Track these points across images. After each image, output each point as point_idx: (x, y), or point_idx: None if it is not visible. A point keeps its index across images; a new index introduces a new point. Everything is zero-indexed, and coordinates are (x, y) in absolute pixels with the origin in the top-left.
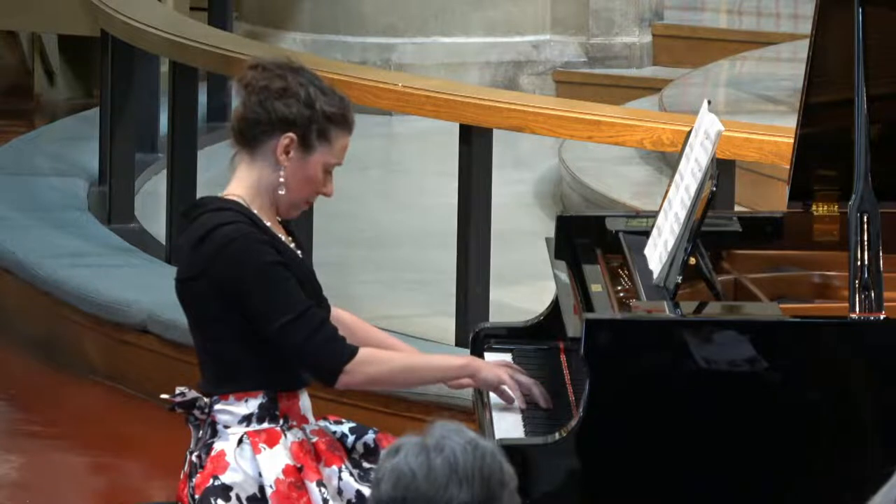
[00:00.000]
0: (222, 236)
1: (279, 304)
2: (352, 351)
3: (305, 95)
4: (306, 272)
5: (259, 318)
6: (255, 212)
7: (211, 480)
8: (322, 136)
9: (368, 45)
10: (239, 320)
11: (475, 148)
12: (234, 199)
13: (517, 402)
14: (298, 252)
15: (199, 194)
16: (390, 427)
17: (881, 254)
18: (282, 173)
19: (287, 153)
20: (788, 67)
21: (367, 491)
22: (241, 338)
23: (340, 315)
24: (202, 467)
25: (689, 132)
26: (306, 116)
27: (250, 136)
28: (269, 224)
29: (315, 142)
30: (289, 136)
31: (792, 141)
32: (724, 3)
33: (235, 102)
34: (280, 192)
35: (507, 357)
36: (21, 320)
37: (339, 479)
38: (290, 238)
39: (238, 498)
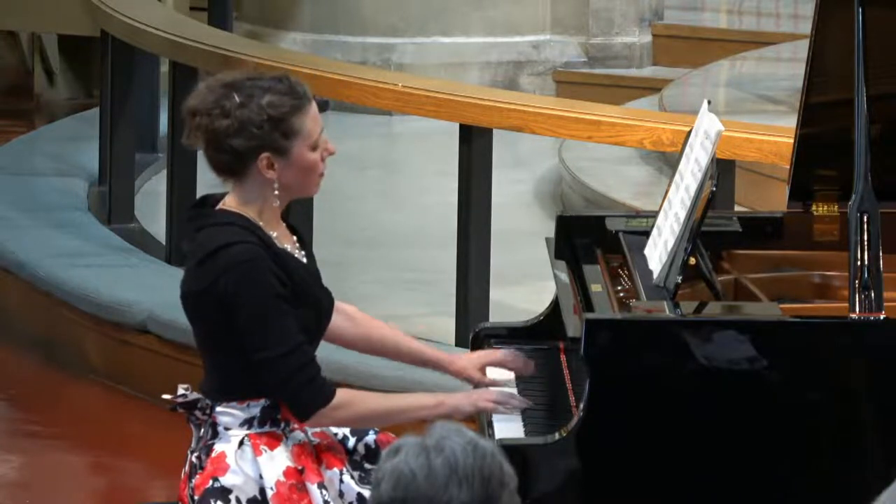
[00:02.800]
0: (229, 257)
1: (268, 338)
2: (327, 395)
3: (252, 116)
4: (309, 280)
5: (246, 344)
6: (261, 224)
7: (210, 482)
8: (289, 134)
9: (368, 45)
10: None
11: (475, 148)
12: (238, 211)
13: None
14: (303, 255)
15: (198, 194)
16: (391, 427)
17: (881, 254)
18: (275, 185)
19: (272, 168)
20: (788, 67)
21: (367, 493)
22: (246, 354)
23: (344, 307)
24: (202, 468)
25: (689, 132)
26: (265, 133)
27: (229, 172)
28: (274, 235)
29: (286, 143)
30: (263, 157)
31: (792, 141)
32: (724, 3)
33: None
34: (275, 204)
35: None
36: (21, 320)
37: (341, 481)
38: (294, 240)
39: (238, 500)
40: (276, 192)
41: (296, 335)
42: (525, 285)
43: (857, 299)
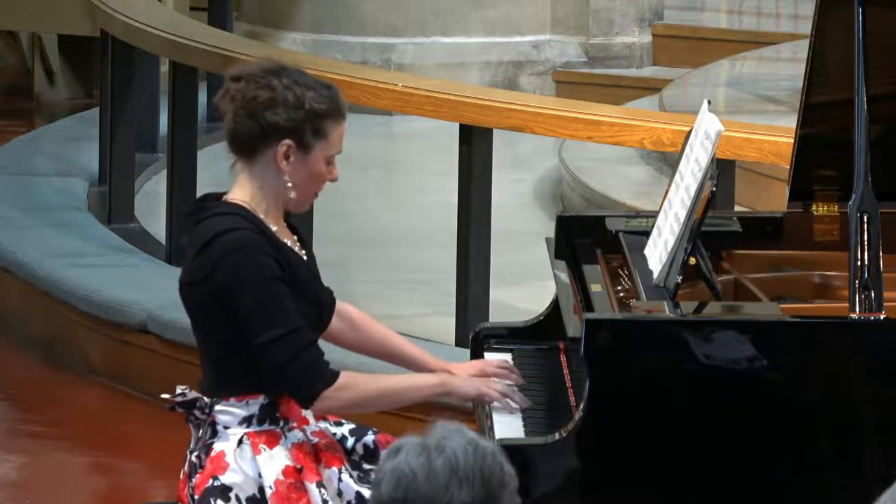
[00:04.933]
0: (225, 244)
1: (269, 320)
2: (331, 377)
3: (293, 98)
4: (309, 276)
5: (247, 330)
6: (261, 217)
7: (210, 481)
8: (317, 134)
9: (368, 45)
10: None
11: (475, 148)
12: (239, 203)
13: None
14: (303, 253)
15: (198, 195)
16: (390, 427)
17: (881, 254)
18: (287, 178)
19: (287, 159)
20: (788, 67)
21: (366, 493)
22: (243, 342)
23: (346, 310)
24: (202, 467)
25: (689, 132)
26: (299, 120)
27: (247, 148)
28: (275, 229)
29: (312, 140)
30: (286, 144)
31: (792, 141)
32: (724, 3)
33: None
34: (291, 195)
35: (507, 357)
36: (21, 320)
37: (339, 480)
38: (295, 238)
39: (238, 498)
40: (290, 185)
41: (296, 318)
42: (525, 285)
43: (857, 299)
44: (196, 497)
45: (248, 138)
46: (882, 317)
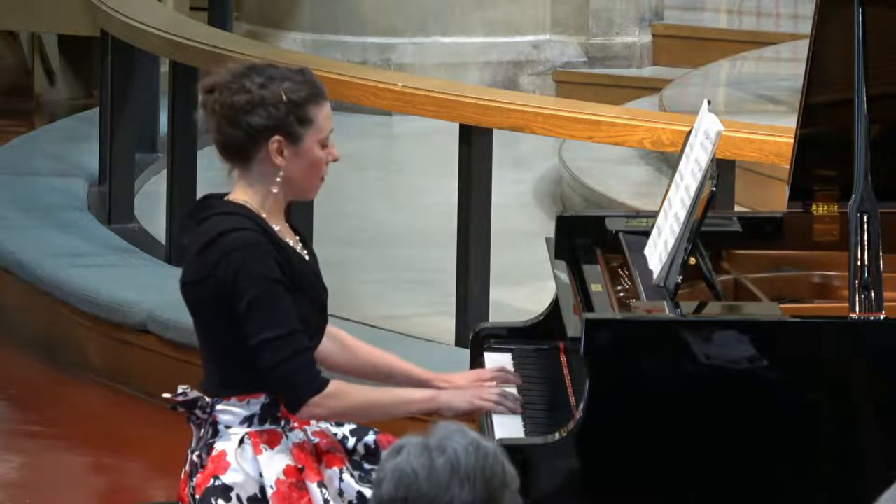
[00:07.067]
0: (228, 243)
1: (265, 321)
2: (321, 384)
3: (271, 95)
4: (310, 277)
5: (245, 329)
6: (263, 216)
7: (211, 480)
8: (304, 121)
9: (368, 45)
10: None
11: (475, 148)
12: (241, 203)
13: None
14: (305, 253)
15: (199, 195)
16: (390, 427)
17: (881, 254)
18: (280, 173)
19: (281, 154)
20: (788, 67)
21: (367, 492)
22: (244, 342)
23: (338, 333)
24: (203, 467)
25: (689, 132)
26: (282, 114)
27: (240, 155)
28: (277, 228)
29: (300, 130)
30: (275, 140)
31: (792, 141)
32: (724, 3)
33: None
34: (274, 189)
35: (507, 357)
36: (21, 320)
37: (340, 480)
38: (297, 238)
39: (238, 498)
40: (279, 180)
41: (293, 321)
42: (525, 285)
43: (857, 299)
44: (197, 497)
45: (239, 146)
46: (882, 317)
